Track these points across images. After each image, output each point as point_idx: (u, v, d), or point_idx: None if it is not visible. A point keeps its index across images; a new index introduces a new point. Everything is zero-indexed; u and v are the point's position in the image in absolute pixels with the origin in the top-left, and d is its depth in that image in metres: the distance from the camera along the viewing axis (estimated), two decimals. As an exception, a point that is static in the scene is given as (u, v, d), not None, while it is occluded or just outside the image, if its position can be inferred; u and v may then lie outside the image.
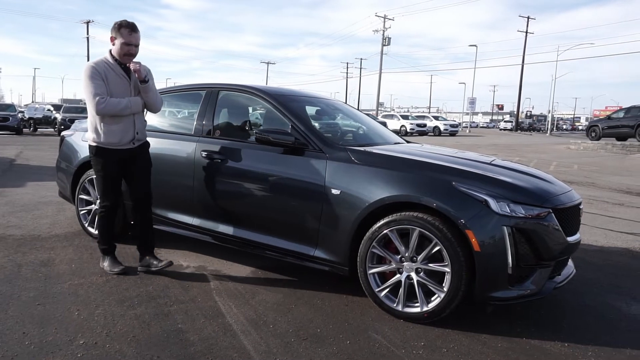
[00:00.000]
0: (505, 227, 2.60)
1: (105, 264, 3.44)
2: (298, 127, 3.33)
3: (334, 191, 3.03)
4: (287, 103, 3.57)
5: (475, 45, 47.75)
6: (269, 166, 3.36)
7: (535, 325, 2.86)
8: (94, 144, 3.27)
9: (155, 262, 3.43)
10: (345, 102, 5.07)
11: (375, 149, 3.36)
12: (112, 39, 3.21)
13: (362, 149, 3.27)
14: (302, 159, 3.23)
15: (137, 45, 3.24)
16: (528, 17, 46.22)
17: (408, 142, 4.26)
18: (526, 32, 45.83)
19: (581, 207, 3.16)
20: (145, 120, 3.53)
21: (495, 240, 2.60)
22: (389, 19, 44.67)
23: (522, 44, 45.96)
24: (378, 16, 44.68)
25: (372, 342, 2.55)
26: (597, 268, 3.99)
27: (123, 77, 3.26)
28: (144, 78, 3.24)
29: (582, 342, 2.66)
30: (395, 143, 3.96)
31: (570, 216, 2.96)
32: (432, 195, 2.74)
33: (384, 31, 44.27)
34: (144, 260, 3.47)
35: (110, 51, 3.24)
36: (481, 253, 2.60)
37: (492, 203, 2.65)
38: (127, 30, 3.18)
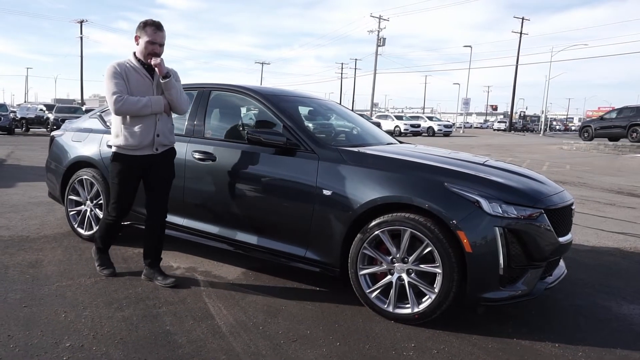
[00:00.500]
0: (497, 228, 2.59)
1: (97, 263, 3.40)
2: (290, 127, 3.31)
3: (326, 192, 3.01)
4: (279, 103, 3.55)
5: (469, 46, 47.96)
6: (260, 167, 3.34)
7: (526, 325, 2.86)
8: (114, 149, 3.16)
9: (160, 279, 3.24)
10: (340, 103, 5.06)
11: (367, 150, 3.34)
12: (137, 38, 3.11)
13: (354, 149, 3.25)
14: (294, 160, 3.20)
15: (162, 45, 3.12)
16: (522, 18, 46.49)
17: (401, 142, 4.25)
18: (520, 33, 46.06)
19: (573, 207, 3.16)
20: (173, 125, 3.30)
21: (487, 241, 2.59)
22: (384, 20, 44.83)
23: (516, 45, 46.22)
24: (373, 17, 44.84)
25: (362, 344, 2.53)
26: (589, 268, 4.00)
27: (145, 77, 3.13)
28: (165, 74, 3.09)
29: (573, 342, 2.66)
30: (388, 144, 3.94)
31: (562, 217, 2.95)
32: (424, 196, 2.73)
33: (378, 32, 44.39)
34: (148, 271, 3.31)
35: (135, 53, 3.15)
36: (473, 254, 2.59)
37: (484, 204, 2.64)
38: (152, 29, 3.07)
